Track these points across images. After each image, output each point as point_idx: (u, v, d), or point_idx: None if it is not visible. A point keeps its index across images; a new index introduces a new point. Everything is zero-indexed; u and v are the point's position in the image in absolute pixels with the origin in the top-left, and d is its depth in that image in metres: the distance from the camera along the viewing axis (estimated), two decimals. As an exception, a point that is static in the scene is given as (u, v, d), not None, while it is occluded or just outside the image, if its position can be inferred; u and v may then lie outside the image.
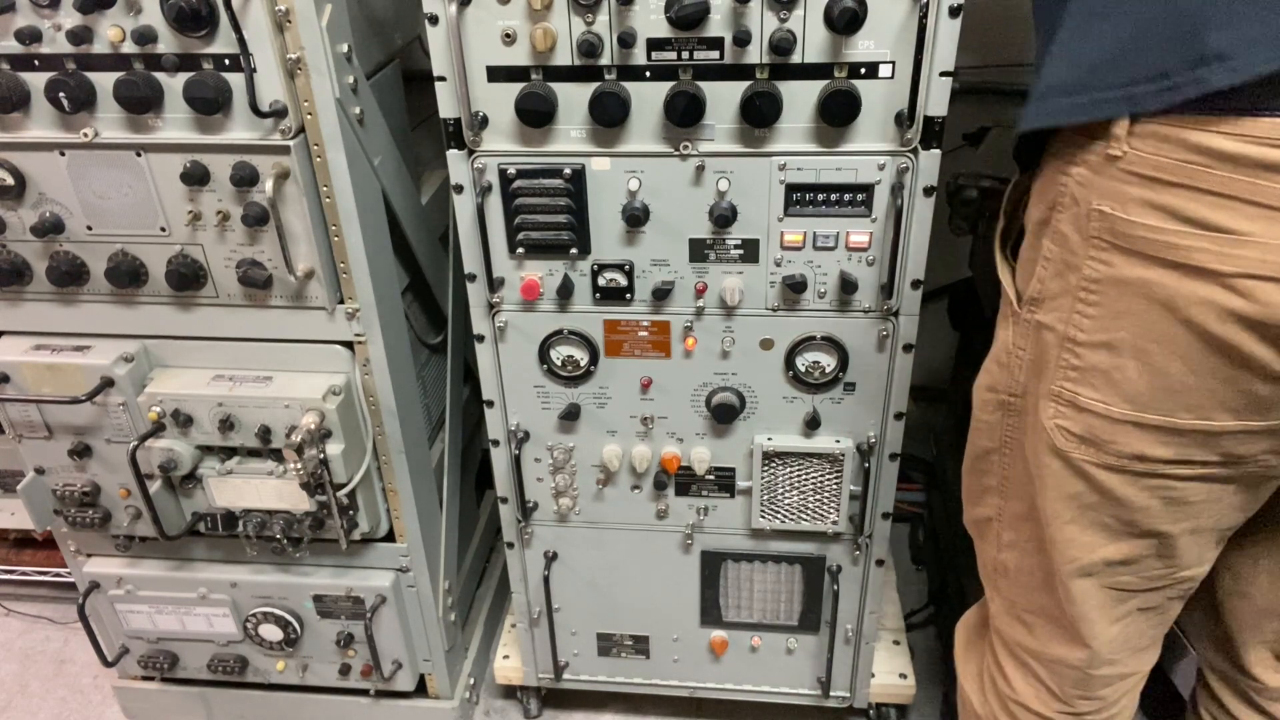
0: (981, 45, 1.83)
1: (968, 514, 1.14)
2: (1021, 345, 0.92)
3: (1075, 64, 0.79)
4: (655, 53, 1.10)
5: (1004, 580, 1.07)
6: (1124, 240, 0.78)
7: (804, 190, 1.18)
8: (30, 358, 1.35)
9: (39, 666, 1.96)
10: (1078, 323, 0.84)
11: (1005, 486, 1.02)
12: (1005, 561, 1.06)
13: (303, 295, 1.30)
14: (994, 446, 1.02)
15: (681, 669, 1.66)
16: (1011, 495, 1.02)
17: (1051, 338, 0.87)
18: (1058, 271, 0.85)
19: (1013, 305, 0.94)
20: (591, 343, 1.32)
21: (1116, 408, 0.84)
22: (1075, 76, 0.79)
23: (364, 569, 1.55)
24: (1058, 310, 0.86)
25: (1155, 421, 0.83)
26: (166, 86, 1.16)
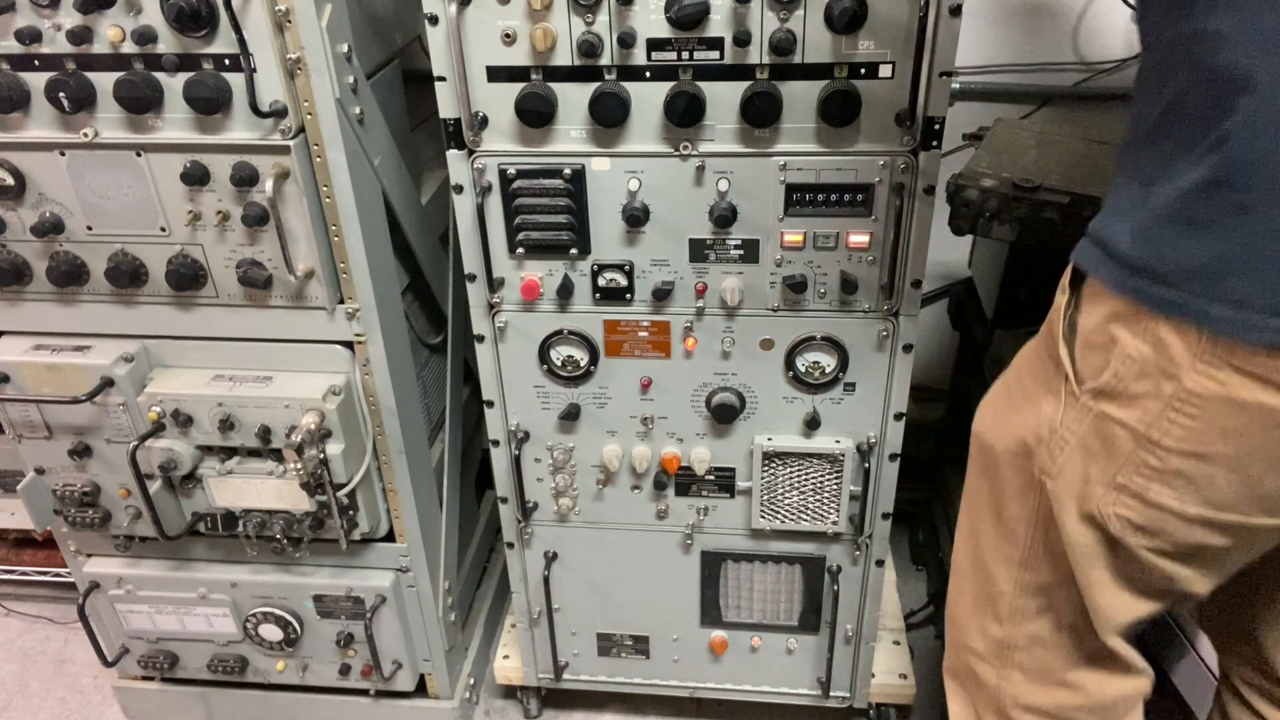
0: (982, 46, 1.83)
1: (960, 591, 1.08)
2: (1073, 428, 0.88)
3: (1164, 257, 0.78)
4: (655, 53, 1.10)
5: (1040, 650, 1.01)
6: (1243, 362, 0.75)
7: (804, 190, 1.18)
8: (30, 358, 1.35)
9: (39, 666, 1.96)
10: (1167, 429, 0.80)
11: (1030, 558, 0.97)
12: (1036, 631, 1.00)
13: (303, 295, 1.30)
14: (1023, 515, 0.96)
15: (681, 669, 1.66)
16: (1038, 567, 0.97)
17: (1124, 434, 0.83)
18: (1145, 373, 0.80)
19: (1069, 385, 0.88)
20: (591, 343, 1.32)
21: (1194, 508, 0.82)
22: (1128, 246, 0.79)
23: (364, 569, 1.55)
24: (1138, 410, 0.82)
25: (1230, 521, 0.82)
26: (166, 86, 1.16)
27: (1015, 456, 0.94)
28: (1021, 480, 0.94)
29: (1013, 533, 0.98)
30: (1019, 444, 0.93)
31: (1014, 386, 0.97)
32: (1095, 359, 0.85)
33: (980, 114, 1.87)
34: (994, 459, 0.97)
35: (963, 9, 1.05)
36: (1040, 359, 0.92)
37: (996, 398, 1.01)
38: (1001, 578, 1.00)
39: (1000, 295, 1.58)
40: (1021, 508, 0.96)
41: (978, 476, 1.02)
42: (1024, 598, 0.99)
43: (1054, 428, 0.89)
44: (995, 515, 0.99)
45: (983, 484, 1.01)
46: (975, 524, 1.03)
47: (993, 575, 1.01)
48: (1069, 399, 0.88)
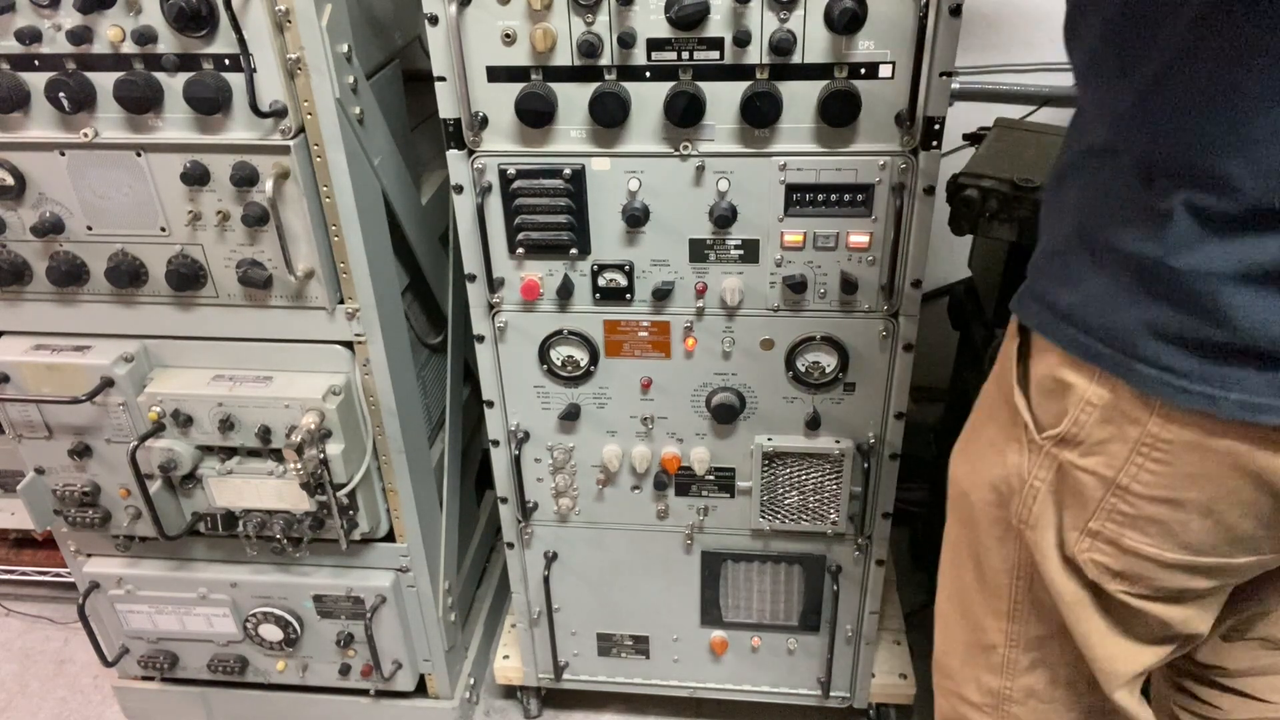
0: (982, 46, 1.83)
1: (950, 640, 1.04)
2: (1040, 476, 0.85)
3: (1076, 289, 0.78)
4: (655, 53, 1.10)
5: (1036, 703, 0.97)
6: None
7: (804, 190, 1.18)
8: (30, 358, 1.35)
9: (39, 666, 1.96)
10: (1135, 475, 0.77)
11: (1018, 610, 0.94)
12: (1032, 685, 0.97)
13: (303, 295, 1.30)
14: (1006, 568, 0.93)
15: (682, 669, 1.66)
16: (1027, 619, 0.94)
17: (1092, 480, 0.80)
18: (1107, 419, 0.78)
19: (1029, 432, 0.85)
20: (591, 343, 1.32)
21: (1170, 553, 0.79)
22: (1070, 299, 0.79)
23: (364, 569, 1.55)
24: (1103, 456, 0.79)
25: (1209, 564, 0.79)
26: (166, 86, 1.16)
27: (990, 506, 0.91)
28: (999, 530, 0.91)
29: (997, 584, 0.94)
30: (992, 493, 0.90)
31: (979, 432, 0.94)
32: (1052, 406, 0.82)
33: (980, 114, 1.87)
34: (970, 508, 0.94)
35: (963, 9, 1.05)
36: (997, 405, 0.89)
37: (966, 442, 0.97)
38: (992, 629, 0.96)
39: (1000, 295, 1.58)
40: (1003, 559, 0.92)
41: (957, 524, 0.99)
42: (1016, 650, 0.96)
43: (1022, 476, 0.86)
44: (977, 565, 0.96)
45: (962, 532, 0.97)
46: (959, 573, 1.00)
47: (983, 626, 0.97)
48: (1031, 447, 0.85)
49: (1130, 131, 0.72)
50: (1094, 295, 0.76)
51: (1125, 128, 0.73)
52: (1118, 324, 0.74)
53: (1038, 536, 0.87)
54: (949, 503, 1.01)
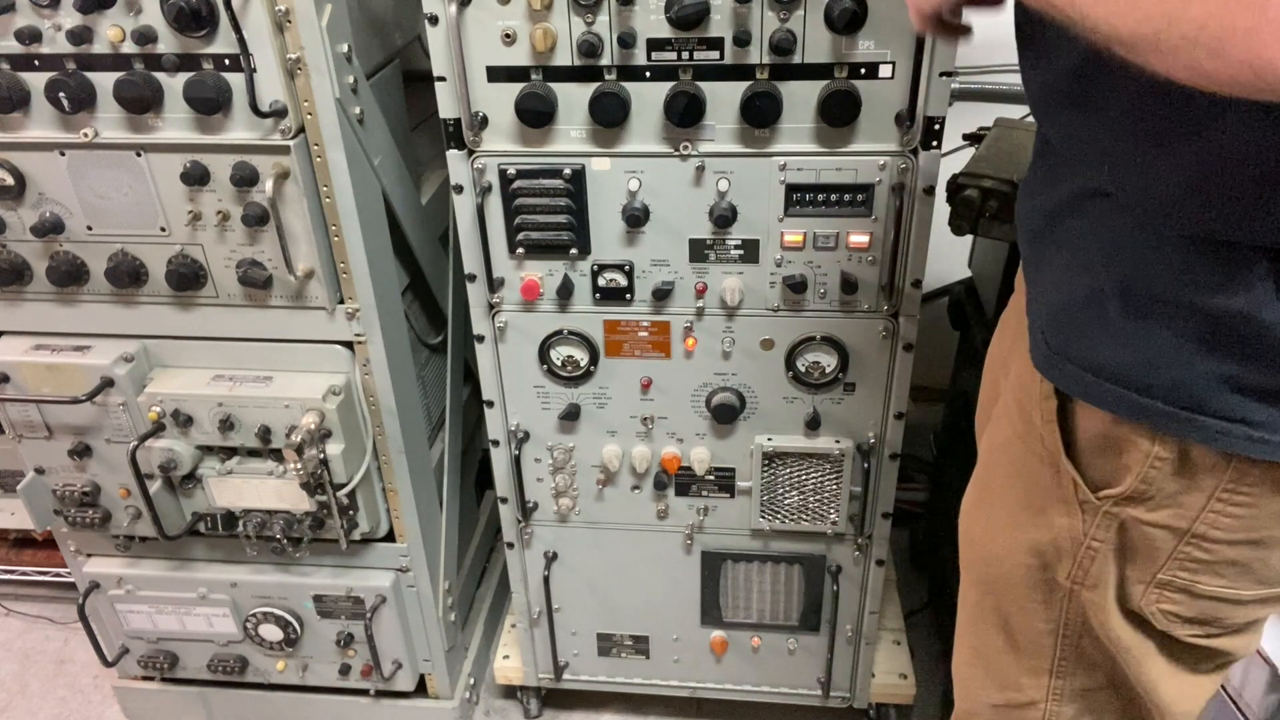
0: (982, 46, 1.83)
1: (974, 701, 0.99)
2: (1099, 537, 0.81)
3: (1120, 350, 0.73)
4: (655, 53, 1.10)
5: None
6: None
7: (804, 190, 1.18)
8: (30, 358, 1.35)
9: (39, 666, 1.96)
10: (1214, 522, 0.74)
11: (1063, 667, 0.90)
12: None
13: (303, 295, 1.30)
14: (1048, 628, 0.89)
15: (682, 669, 1.66)
16: (1073, 673, 0.90)
17: (1162, 534, 0.77)
18: (1178, 473, 0.74)
19: (1080, 492, 0.81)
20: (591, 343, 1.32)
21: (1248, 591, 0.78)
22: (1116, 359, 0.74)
23: (364, 569, 1.55)
24: (1175, 509, 0.76)
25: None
26: (166, 86, 1.16)
27: (1030, 570, 0.86)
28: (1042, 593, 0.87)
29: (1036, 645, 0.90)
30: (1033, 556, 0.86)
31: (1004, 492, 0.89)
32: (1109, 464, 0.78)
33: (980, 114, 1.87)
34: (999, 573, 0.90)
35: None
36: (1028, 464, 0.85)
37: (985, 503, 0.93)
38: (1030, 686, 0.93)
39: (1000, 295, 1.58)
40: (1047, 622, 0.88)
41: (980, 590, 0.94)
42: (1060, 703, 0.92)
43: (1076, 539, 0.82)
44: (1006, 628, 0.92)
45: (986, 598, 0.93)
46: (983, 637, 0.95)
47: (1019, 685, 0.93)
48: (1086, 508, 0.80)
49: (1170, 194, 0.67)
50: (1152, 352, 0.71)
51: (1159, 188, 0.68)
52: (1184, 380, 0.70)
53: (1096, 596, 0.83)
54: (964, 562, 0.96)
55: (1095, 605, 0.83)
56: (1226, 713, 1.25)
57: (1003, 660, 0.93)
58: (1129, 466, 0.76)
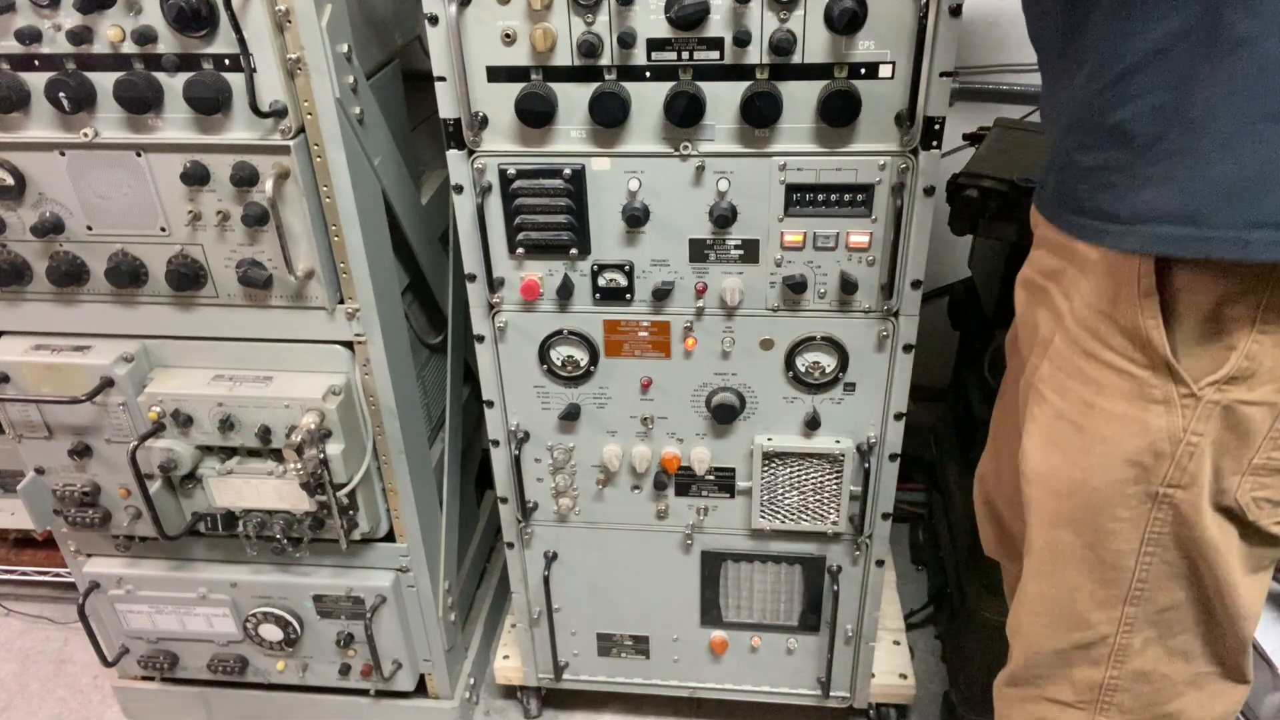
0: (982, 46, 1.83)
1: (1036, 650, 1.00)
2: (1199, 430, 0.82)
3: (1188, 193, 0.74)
4: (655, 53, 1.10)
5: (1143, 687, 0.95)
6: None
7: (804, 190, 1.18)
8: (30, 358, 1.35)
9: (39, 666, 1.96)
10: None
11: (1142, 587, 0.91)
12: (1142, 668, 0.95)
13: (303, 295, 1.30)
14: (1131, 548, 0.90)
15: (681, 669, 1.66)
16: (1151, 596, 0.92)
17: (1260, 411, 0.80)
18: (1277, 343, 0.77)
19: (1185, 388, 0.82)
20: (591, 343, 1.32)
21: None
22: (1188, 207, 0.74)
23: (364, 569, 1.55)
24: (1274, 382, 0.79)
25: None
26: (166, 86, 1.16)
27: (1123, 484, 0.87)
28: (1130, 510, 0.88)
29: (1117, 570, 0.91)
30: (1128, 469, 0.86)
31: (1074, 413, 0.90)
32: (1212, 349, 0.80)
33: (980, 114, 1.87)
34: (1089, 498, 0.90)
35: (962, 9, 1.05)
36: (1111, 383, 0.86)
37: (1052, 434, 0.93)
38: (1101, 621, 0.94)
39: (1000, 295, 1.58)
40: (1130, 540, 0.89)
41: (1057, 527, 0.94)
42: (1131, 634, 0.93)
43: (1177, 436, 0.83)
44: (1091, 560, 0.92)
45: (1064, 533, 0.94)
46: (1059, 579, 0.96)
47: (1089, 620, 0.95)
48: (1185, 402, 0.82)
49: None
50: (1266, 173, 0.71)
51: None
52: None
53: (1193, 495, 0.84)
54: (1039, 511, 0.96)
55: (1189, 505, 0.85)
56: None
57: (1074, 598, 0.94)
58: (1233, 346, 0.78)
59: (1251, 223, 0.72)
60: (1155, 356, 0.82)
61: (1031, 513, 0.97)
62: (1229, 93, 0.72)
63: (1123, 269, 0.82)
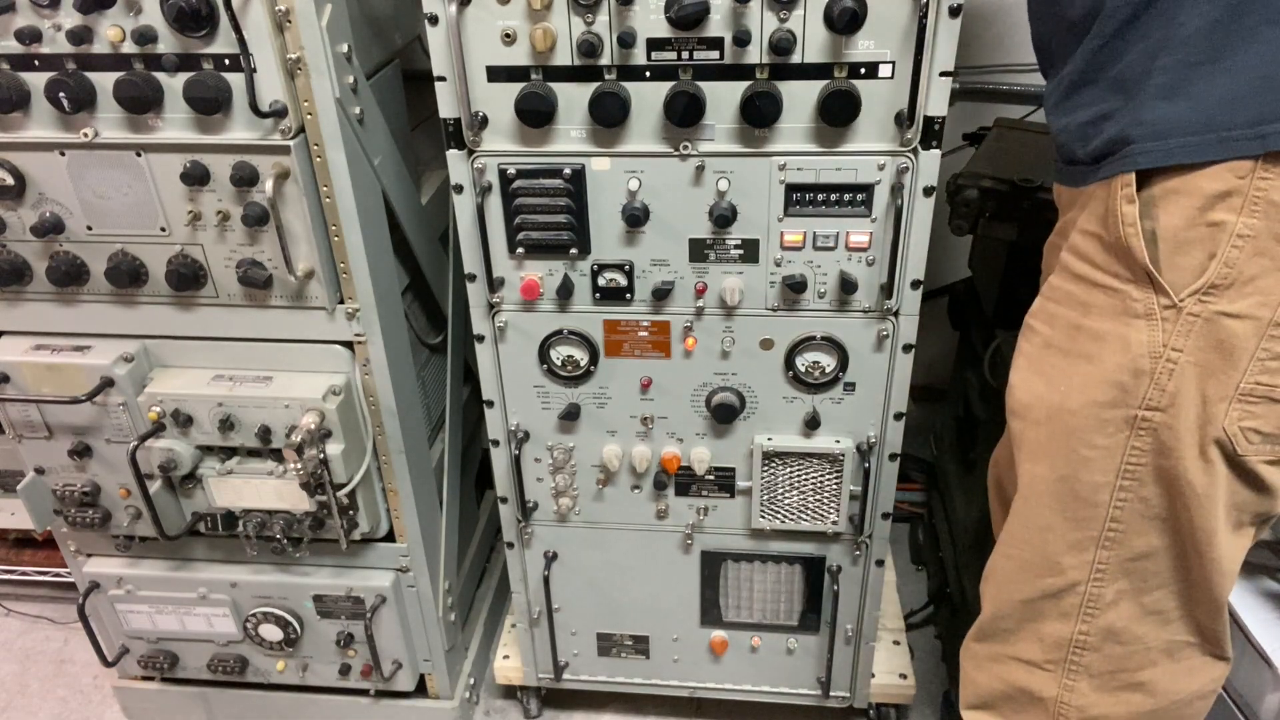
0: (982, 46, 1.83)
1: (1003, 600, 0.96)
2: (1180, 345, 0.80)
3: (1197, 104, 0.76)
4: (655, 53, 1.10)
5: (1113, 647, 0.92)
6: None
7: (804, 190, 1.18)
8: (30, 358, 1.35)
9: (39, 666, 1.96)
10: None
11: (1116, 529, 0.88)
12: (1112, 623, 0.91)
13: (303, 295, 1.30)
14: (1106, 480, 0.87)
15: (681, 669, 1.66)
16: (1125, 538, 0.88)
17: (1245, 327, 0.78)
18: (1260, 250, 0.76)
19: (1163, 298, 0.81)
20: (591, 343, 1.32)
21: None
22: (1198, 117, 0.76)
23: (364, 569, 1.55)
24: (1257, 295, 0.77)
25: None
26: (166, 86, 1.16)
27: (1100, 407, 0.85)
28: (1106, 436, 0.85)
29: (1091, 505, 0.88)
30: (1108, 389, 0.84)
31: (1062, 338, 0.89)
32: (1192, 257, 0.78)
33: (980, 114, 1.87)
34: (1063, 425, 0.88)
35: (962, 9, 1.05)
36: (1097, 302, 0.85)
37: (1039, 362, 0.92)
38: (1072, 566, 0.90)
39: (1000, 295, 1.58)
40: (1105, 472, 0.86)
41: (1034, 459, 0.92)
42: (1102, 583, 0.90)
43: (1155, 352, 0.81)
44: (1064, 494, 0.89)
45: (1039, 465, 0.91)
46: (1030, 515, 0.93)
47: (1060, 565, 0.91)
48: (1166, 315, 0.80)
49: None
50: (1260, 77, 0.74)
51: None
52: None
53: (1173, 419, 0.82)
54: (1017, 443, 0.94)
55: (1168, 431, 0.83)
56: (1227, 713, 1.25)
57: (1045, 539, 0.92)
58: (1212, 253, 0.77)
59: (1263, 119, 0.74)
60: (1136, 266, 0.81)
61: (1017, 444, 0.95)
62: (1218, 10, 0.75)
63: (1111, 189, 0.83)
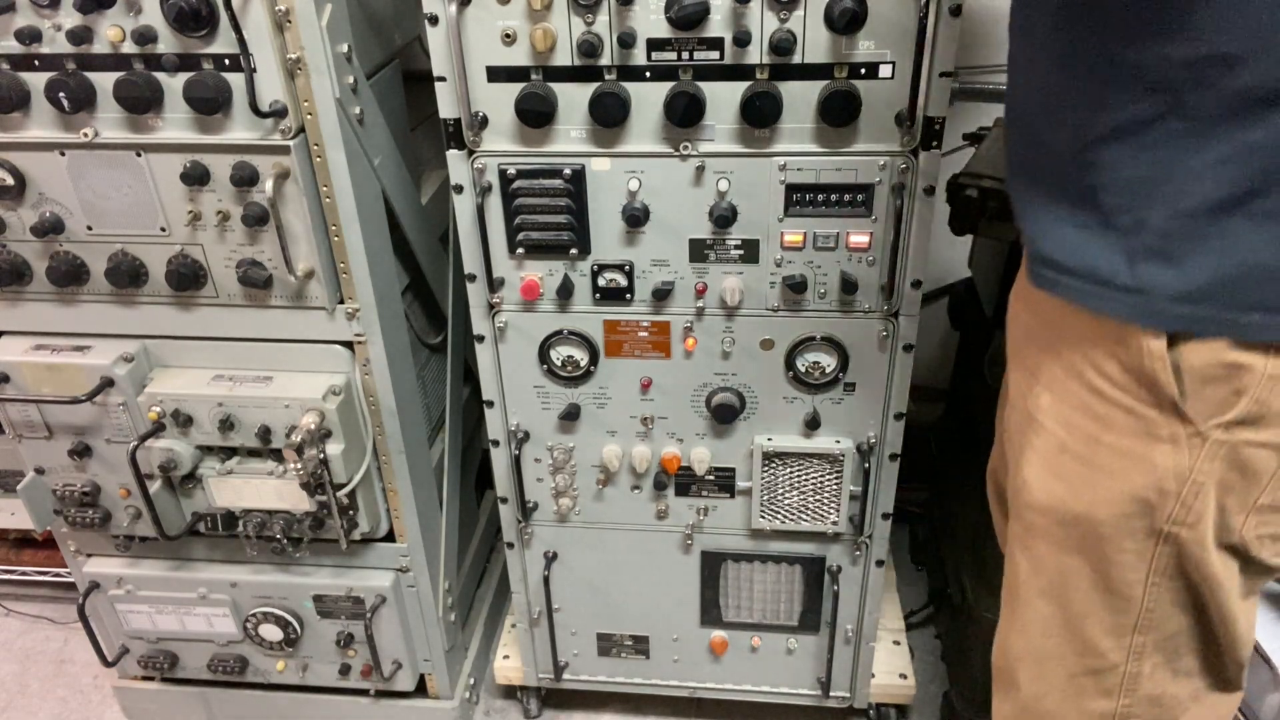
0: (982, 46, 1.83)
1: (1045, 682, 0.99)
2: (1205, 470, 0.82)
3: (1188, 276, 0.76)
4: (655, 53, 1.10)
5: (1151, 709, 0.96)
6: None
7: (804, 190, 1.18)
8: (30, 358, 1.35)
9: (39, 666, 1.96)
10: None
11: (1149, 617, 0.91)
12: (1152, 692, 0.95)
13: (303, 295, 1.30)
14: (1139, 577, 0.90)
15: (681, 669, 1.66)
16: (1158, 623, 0.92)
17: (1266, 453, 0.80)
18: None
19: (1193, 428, 0.82)
20: (591, 343, 1.32)
21: None
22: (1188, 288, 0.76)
23: (364, 569, 1.55)
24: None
25: None
26: (166, 86, 1.16)
27: (1128, 518, 0.87)
28: (1138, 543, 0.88)
29: (1126, 599, 0.91)
30: (1133, 505, 0.86)
31: (1079, 447, 0.90)
32: (1218, 391, 0.79)
33: (980, 114, 1.87)
34: (1094, 529, 0.90)
35: (962, 9, 1.05)
36: (1116, 420, 0.86)
37: (1055, 465, 0.93)
38: (1112, 649, 0.94)
39: (1000, 295, 1.58)
40: (1137, 571, 0.89)
41: (1067, 554, 0.94)
42: (1140, 661, 0.94)
43: (1182, 475, 0.83)
44: (1101, 588, 0.93)
45: (1072, 560, 0.94)
46: (1068, 604, 0.96)
47: (1099, 649, 0.94)
48: (1193, 441, 0.82)
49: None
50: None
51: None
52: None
53: (1196, 534, 0.85)
54: (1041, 536, 0.95)
55: (1194, 543, 0.85)
56: (1226, 713, 1.26)
57: (1084, 624, 0.94)
58: (1243, 389, 0.78)
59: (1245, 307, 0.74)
60: (1163, 397, 0.81)
61: (1036, 536, 0.96)
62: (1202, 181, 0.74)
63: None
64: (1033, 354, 0.96)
